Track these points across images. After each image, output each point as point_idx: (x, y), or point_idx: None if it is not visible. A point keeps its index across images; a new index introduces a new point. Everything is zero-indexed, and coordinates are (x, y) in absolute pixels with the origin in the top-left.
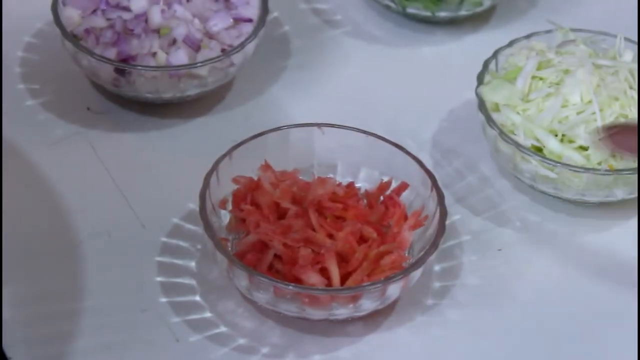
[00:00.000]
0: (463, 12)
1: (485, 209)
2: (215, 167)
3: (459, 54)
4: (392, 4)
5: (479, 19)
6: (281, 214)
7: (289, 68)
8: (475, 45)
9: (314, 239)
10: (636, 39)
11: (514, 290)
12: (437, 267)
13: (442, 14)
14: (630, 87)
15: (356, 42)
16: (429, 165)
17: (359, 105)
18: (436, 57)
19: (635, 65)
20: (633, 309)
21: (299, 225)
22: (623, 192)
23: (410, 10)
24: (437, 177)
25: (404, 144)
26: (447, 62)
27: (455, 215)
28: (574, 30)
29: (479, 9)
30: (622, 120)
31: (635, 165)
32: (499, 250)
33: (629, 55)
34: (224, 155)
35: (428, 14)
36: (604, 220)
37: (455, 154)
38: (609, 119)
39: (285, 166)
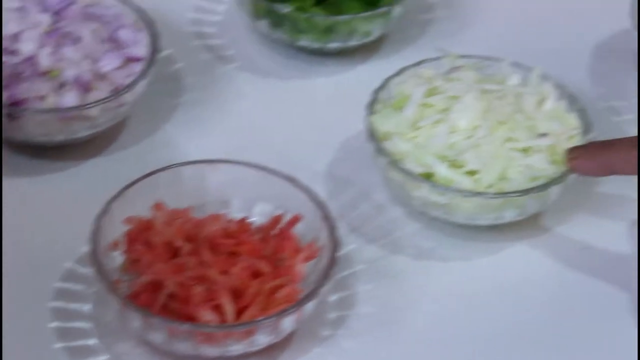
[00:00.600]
0: (353, 43)
1: (379, 237)
2: (106, 208)
3: (351, 84)
4: (283, 37)
5: (370, 49)
6: (175, 253)
7: (183, 105)
8: (367, 75)
9: (207, 276)
10: (522, 63)
11: (409, 317)
12: (332, 298)
13: (333, 45)
14: (517, 111)
15: (249, 77)
16: (323, 196)
17: (253, 139)
18: (329, 87)
19: (522, 90)
20: (530, 328)
21: (192, 263)
22: (512, 214)
23: (301, 42)
24: (331, 207)
25: (298, 176)
26: (340, 93)
27: (350, 244)
28: (461, 56)
29: (369, 39)
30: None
31: (526, 187)
32: (393, 277)
33: (515, 79)
34: (116, 196)
35: (319, 45)
36: (495, 243)
37: (349, 184)
38: (497, 143)
39: (178, 204)
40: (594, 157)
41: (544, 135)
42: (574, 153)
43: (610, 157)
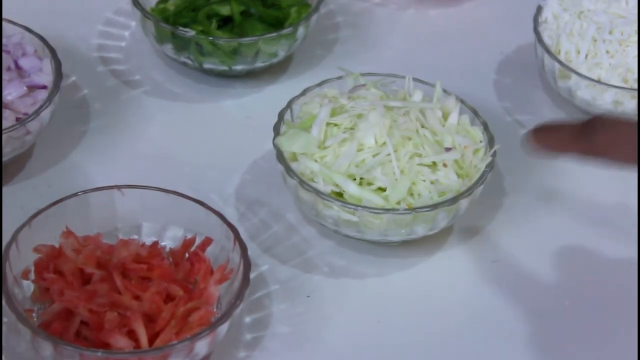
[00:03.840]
0: (259, 64)
1: (292, 257)
2: (14, 237)
3: (259, 105)
4: (189, 61)
5: (276, 70)
6: (86, 280)
7: (90, 132)
8: (275, 96)
9: (119, 302)
10: (424, 79)
11: (325, 335)
12: (247, 319)
13: (239, 67)
14: (422, 126)
15: (156, 101)
16: (234, 218)
17: (162, 163)
18: (237, 109)
19: (426, 105)
20: (443, 341)
21: (104, 290)
22: (423, 229)
23: (207, 65)
24: (243, 229)
25: (209, 199)
26: (248, 114)
27: (264, 265)
28: (364, 74)
29: (275, 60)
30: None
31: (432, 202)
32: (308, 296)
33: (419, 95)
34: (23, 225)
35: (225, 68)
36: (407, 258)
37: (260, 205)
38: (404, 159)
39: (88, 231)
40: (549, 135)
41: (449, 149)
42: (536, 132)
43: (560, 136)
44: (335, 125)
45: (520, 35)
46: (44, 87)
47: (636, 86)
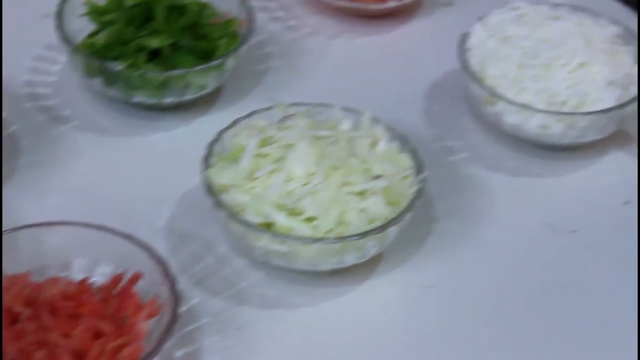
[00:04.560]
0: (189, 96)
1: (223, 289)
2: None
3: (189, 138)
4: (118, 95)
5: (206, 101)
6: (14, 319)
7: (19, 168)
8: (205, 128)
9: (48, 340)
10: (354, 108)
11: None
12: (178, 353)
13: (169, 100)
14: (351, 155)
15: (86, 136)
16: (165, 251)
17: (92, 199)
18: (167, 142)
19: (354, 134)
20: None
21: (32, 328)
22: (353, 257)
23: (136, 99)
24: (174, 262)
25: (140, 233)
26: (178, 147)
27: (195, 298)
28: (293, 104)
29: (205, 92)
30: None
31: (361, 231)
32: (240, 329)
33: (347, 124)
34: None
35: (154, 101)
36: (339, 287)
37: (191, 237)
38: (333, 188)
39: (17, 269)
40: None
41: (378, 177)
42: None
43: None
44: (265, 156)
45: (448, 62)
46: None
47: (562, 110)
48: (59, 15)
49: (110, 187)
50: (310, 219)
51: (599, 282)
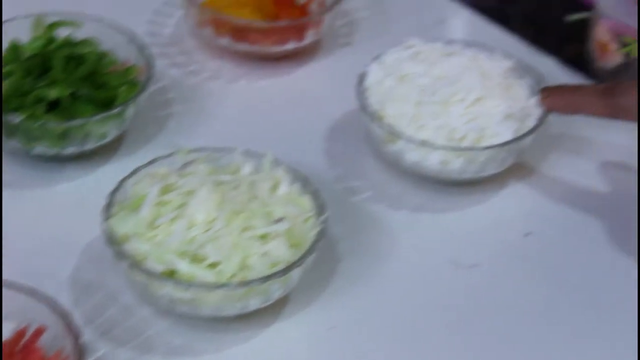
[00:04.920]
0: (90, 146)
1: (129, 339)
2: None
3: (92, 187)
4: (18, 147)
5: (108, 150)
6: None
7: None
8: (107, 176)
9: None
10: (257, 150)
11: None
12: None
13: (69, 150)
14: (253, 198)
15: None
16: (69, 303)
17: None
18: (69, 193)
19: (256, 177)
20: None
21: None
22: (258, 301)
23: (37, 150)
24: (78, 313)
25: (43, 286)
26: (81, 197)
27: (100, 350)
28: (194, 150)
29: (106, 141)
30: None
31: (265, 275)
32: None
33: (249, 168)
34: None
35: (55, 152)
36: (244, 332)
37: (95, 288)
38: (235, 233)
39: None
40: (563, 96)
41: (280, 220)
42: (546, 92)
43: (576, 98)
44: (166, 203)
45: (348, 101)
46: None
47: (461, 145)
48: None
49: (12, 240)
50: (213, 265)
51: (502, 315)
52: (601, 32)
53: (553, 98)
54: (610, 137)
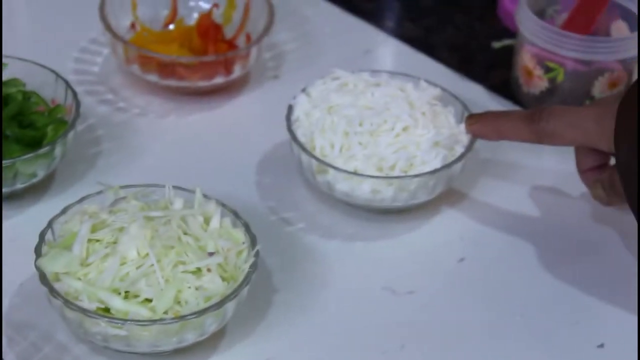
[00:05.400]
0: (19, 186)
1: None
2: None
3: (22, 227)
4: None
5: (38, 189)
6: None
7: None
8: (38, 216)
9: None
10: (188, 185)
11: None
12: None
13: None
14: (185, 233)
15: None
16: (3, 343)
17: None
18: (2, 233)
19: (187, 212)
20: None
21: None
22: (193, 335)
23: None
24: (12, 354)
25: None
26: (12, 237)
27: None
28: (124, 187)
29: (35, 180)
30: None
31: (199, 309)
32: None
33: (179, 203)
34: None
35: None
36: None
37: (29, 328)
38: (167, 268)
39: None
40: (489, 123)
41: (212, 254)
42: (473, 119)
43: (502, 124)
44: (97, 240)
45: (278, 133)
46: None
47: (391, 174)
48: None
49: None
50: (147, 301)
51: (440, 341)
52: (526, 59)
53: (479, 125)
54: (539, 162)
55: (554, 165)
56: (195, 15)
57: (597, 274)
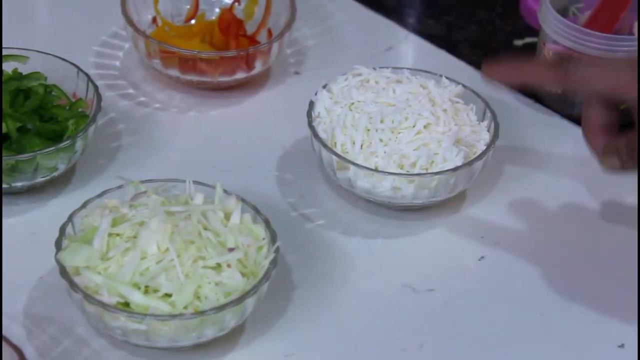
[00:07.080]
0: (40, 179)
1: None
2: None
3: (44, 220)
4: None
5: (59, 182)
6: None
7: None
8: (59, 209)
9: None
10: (208, 180)
11: None
12: None
13: (19, 184)
14: (205, 229)
15: None
16: (22, 337)
17: None
18: (21, 226)
19: (207, 207)
20: None
21: None
22: (213, 331)
23: None
24: (32, 347)
25: None
26: (33, 230)
27: None
28: (145, 181)
29: (56, 174)
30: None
31: (218, 304)
32: None
33: (200, 198)
34: None
35: (5, 185)
36: None
37: (49, 321)
38: (188, 263)
39: None
40: (510, 66)
41: (232, 249)
42: (491, 65)
43: (525, 67)
44: (117, 235)
45: (299, 129)
46: None
47: (412, 171)
48: None
49: None
50: (167, 296)
51: (460, 339)
52: (548, 57)
53: (501, 67)
54: (561, 161)
55: (575, 165)
56: (217, 10)
57: (619, 274)
